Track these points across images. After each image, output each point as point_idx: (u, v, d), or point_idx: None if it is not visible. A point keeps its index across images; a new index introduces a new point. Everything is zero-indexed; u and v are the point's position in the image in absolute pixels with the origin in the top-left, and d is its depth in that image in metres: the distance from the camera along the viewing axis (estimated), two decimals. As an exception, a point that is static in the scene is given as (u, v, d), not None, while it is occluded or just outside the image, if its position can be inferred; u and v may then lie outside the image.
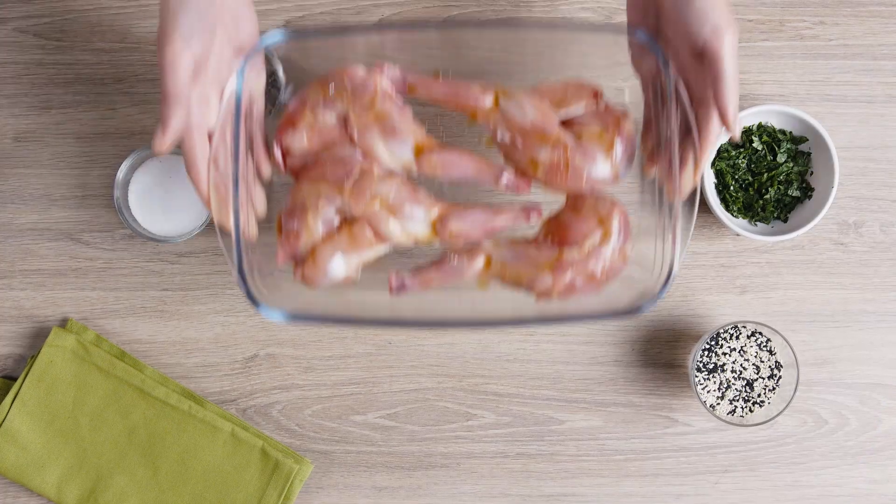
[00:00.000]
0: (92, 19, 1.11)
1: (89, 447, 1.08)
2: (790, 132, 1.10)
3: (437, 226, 0.95)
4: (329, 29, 0.91)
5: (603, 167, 0.93)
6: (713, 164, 1.09)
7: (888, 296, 1.12)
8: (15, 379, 1.10)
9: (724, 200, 1.10)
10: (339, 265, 0.94)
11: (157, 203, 1.08)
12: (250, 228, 0.89)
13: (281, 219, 0.95)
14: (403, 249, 1.01)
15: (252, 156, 0.92)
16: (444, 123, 1.04)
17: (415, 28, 0.89)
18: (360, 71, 0.95)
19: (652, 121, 0.92)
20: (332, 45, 0.96)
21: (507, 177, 0.95)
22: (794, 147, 1.09)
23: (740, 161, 1.09)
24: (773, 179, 1.09)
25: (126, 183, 1.08)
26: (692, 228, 0.89)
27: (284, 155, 0.95)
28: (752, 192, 1.09)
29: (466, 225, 0.95)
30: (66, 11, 1.11)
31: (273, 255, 0.95)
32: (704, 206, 1.11)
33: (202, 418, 1.08)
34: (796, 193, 1.09)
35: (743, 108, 1.08)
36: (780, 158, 1.09)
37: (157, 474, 1.08)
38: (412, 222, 0.94)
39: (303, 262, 0.94)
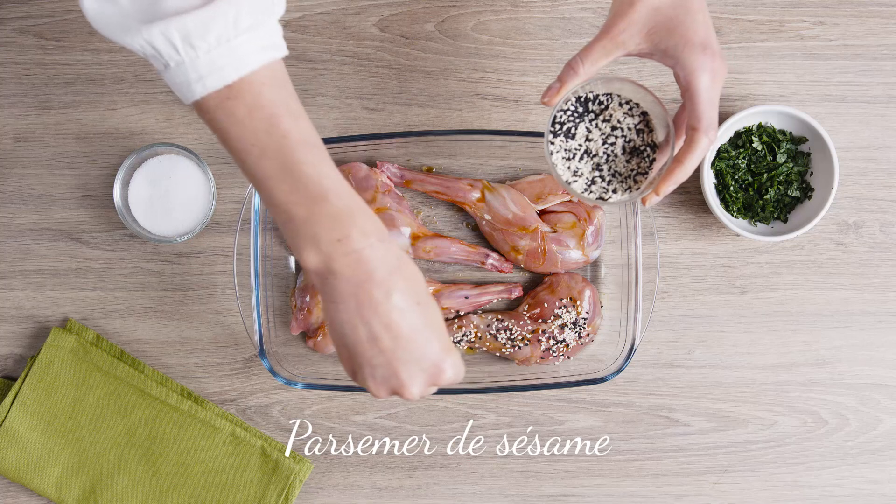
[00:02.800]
0: (92, 19, 1.11)
1: (89, 447, 1.08)
2: (790, 132, 1.10)
3: None
4: (336, 138, 1.05)
5: (575, 253, 1.08)
6: (713, 164, 1.09)
7: (888, 296, 1.12)
8: (15, 379, 1.10)
9: (724, 201, 1.10)
10: None
11: (157, 203, 1.08)
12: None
13: (295, 296, 1.08)
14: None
15: None
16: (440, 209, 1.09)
17: (409, 136, 1.04)
18: (362, 168, 1.07)
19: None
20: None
21: (492, 260, 1.09)
22: (793, 147, 1.09)
23: (740, 161, 1.09)
24: (772, 180, 1.09)
25: (126, 183, 1.08)
26: (652, 311, 1.07)
27: None
28: (751, 193, 1.09)
29: (456, 301, 1.08)
30: (66, 11, 1.11)
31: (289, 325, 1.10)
32: (704, 207, 1.11)
33: (202, 418, 1.08)
34: (796, 194, 1.09)
35: (743, 108, 1.08)
36: (780, 159, 1.09)
37: (157, 474, 1.08)
38: None
39: (314, 333, 1.08)
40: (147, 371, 1.09)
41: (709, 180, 1.09)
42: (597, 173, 0.93)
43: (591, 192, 0.93)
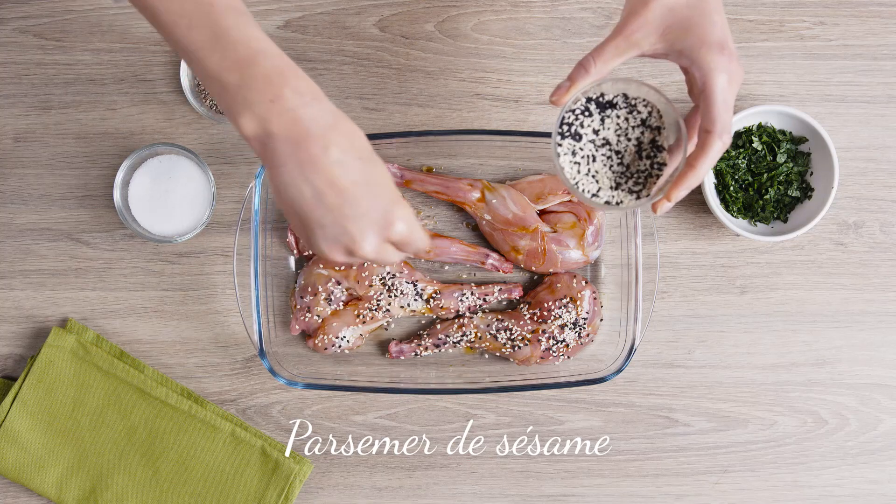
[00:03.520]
0: (92, 19, 1.11)
1: (89, 447, 1.08)
2: (790, 132, 1.10)
3: (431, 302, 1.08)
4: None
5: (575, 253, 1.08)
6: (713, 164, 1.09)
7: (888, 296, 1.12)
8: (15, 379, 1.10)
9: (724, 201, 1.10)
10: (346, 336, 1.08)
11: (157, 203, 1.08)
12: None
13: (295, 296, 1.09)
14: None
15: None
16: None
17: (409, 136, 1.04)
18: None
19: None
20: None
21: (492, 260, 1.09)
22: (793, 147, 1.09)
23: (740, 161, 1.09)
24: (772, 180, 1.09)
25: (126, 183, 1.08)
26: (652, 311, 1.07)
27: (297, 241, 1.10)
28: (751, 193, 1.09)
29: (456, 302, 1.09)
30: (66, 11, 1.11)
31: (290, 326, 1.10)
32: (704, 207, 1.11)
33: (202, 418, 1.08)
34: (796, 193, 1.09)
35: (743, 109, 1.08)
36: (780, 159, 1.09)
37: (157, 474, 1.08)
38: (409, 300, 1.08)
39: (315, 333, 1.08)
40: (147, 371, 1.09)
41: (709, 180, 1.09)
42: (606, 177, 0.90)
43: (599, 196, 0.90)
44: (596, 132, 0.89)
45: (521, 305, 1.10)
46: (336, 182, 0.77)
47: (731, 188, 1.09)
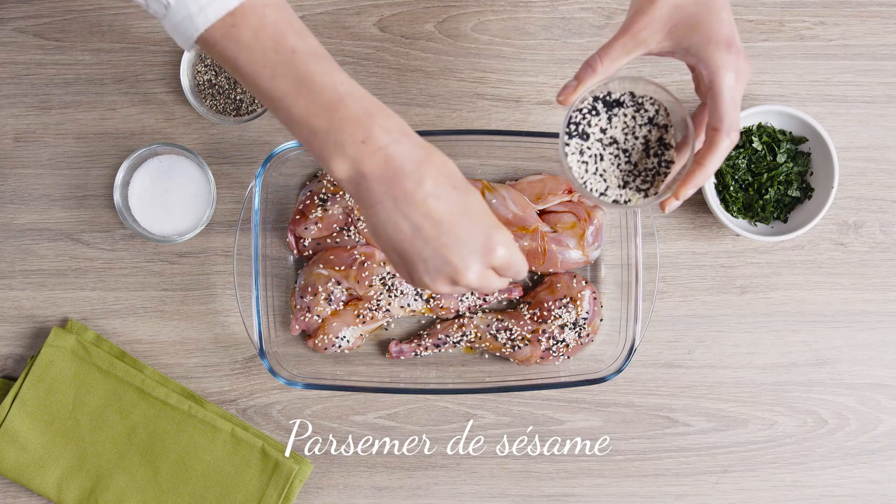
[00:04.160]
0: (92, 19, 1.11)
1: (89, 447, 1.08)
2: (790, 132, 1.10)
3: (431, 302, 1.08)
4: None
5: (575, 254, 1.08)
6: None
7: (888, 296, 1.12)
8: (15, 379, 1.10)
9: (724, 201, 1.10)
10: (346, 336, 1.08)
11: (157, 203, 1.08)
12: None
13: (295, 296, 1.09)
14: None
15: None
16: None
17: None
18: None
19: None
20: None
21: None
22: (793, 147, 1.09)
23: (740, 161, 1.09)
24: (772, 180, 1.09)
25: (126, 183, 1.08)
26: (652, 311, 1.08)
27: (297, 241, 1.09)
28: (751, 193, 1.09)
29: (455, 302, 1.09)
30: (66, 11, 1.11)
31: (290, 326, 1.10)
32: (704, 207, 1.11)
33: (202, 418, 1.08)
34: (796, 194, 1.09)
35: (743, 109, 1.08)
36: (780, 159, 1.09)
37: (157, 474, 1.08)
38: (409, 300, 1.08)
39: (314, 333, 1.08)
40: (147, 371, 1.09)
41: (709, 180, 1.08)
42: (614, 176, 0.89)
43: (607, 195, 0.89)
44: (603, 131, 0.89)
45: (521, 305, 1.10)
46: (432, 214, 0.78)
47: (731, 188, 1.09)
